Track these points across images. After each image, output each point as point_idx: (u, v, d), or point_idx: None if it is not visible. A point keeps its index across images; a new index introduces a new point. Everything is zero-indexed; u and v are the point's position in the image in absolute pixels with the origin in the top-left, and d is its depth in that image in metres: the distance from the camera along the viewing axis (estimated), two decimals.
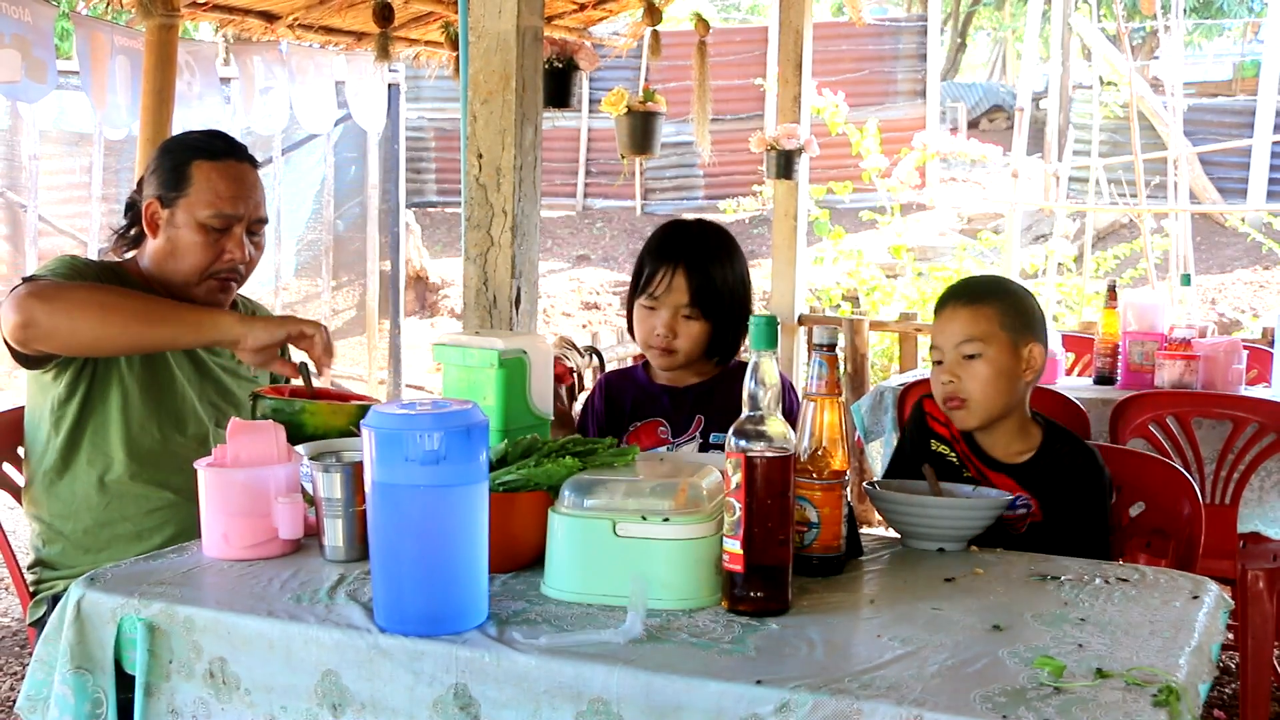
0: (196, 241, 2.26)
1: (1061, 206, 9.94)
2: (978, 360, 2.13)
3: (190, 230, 2.26)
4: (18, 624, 4.17)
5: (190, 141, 2.35)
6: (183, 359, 2.31)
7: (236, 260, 2.29)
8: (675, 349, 2.37)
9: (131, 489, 2.22)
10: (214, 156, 2.29)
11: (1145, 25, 14.88)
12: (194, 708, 1.54)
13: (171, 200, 2.26)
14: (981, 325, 2.13)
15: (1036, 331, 2.16)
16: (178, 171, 2.27)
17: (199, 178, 2.26)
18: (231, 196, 2.27)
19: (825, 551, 1.68)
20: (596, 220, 14.64)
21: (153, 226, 2.29)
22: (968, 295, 2.19)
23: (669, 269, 2.36)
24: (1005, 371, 2.12)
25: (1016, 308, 2.16)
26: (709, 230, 2.45)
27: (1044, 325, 2.20)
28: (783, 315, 5.39)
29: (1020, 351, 2.13)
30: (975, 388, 2.13)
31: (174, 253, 2.27)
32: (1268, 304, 10.20)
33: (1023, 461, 2.16)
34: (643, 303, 2.40)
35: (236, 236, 2.28)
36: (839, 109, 6.95)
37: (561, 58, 4.08)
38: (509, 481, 1.65)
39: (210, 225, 2.25)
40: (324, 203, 8.96)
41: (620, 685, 1.34)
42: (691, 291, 2.35)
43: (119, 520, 2.22)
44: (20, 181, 7.82)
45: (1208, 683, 1.40)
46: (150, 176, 2.31)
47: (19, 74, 3.96)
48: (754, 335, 1.56)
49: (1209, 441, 3.24)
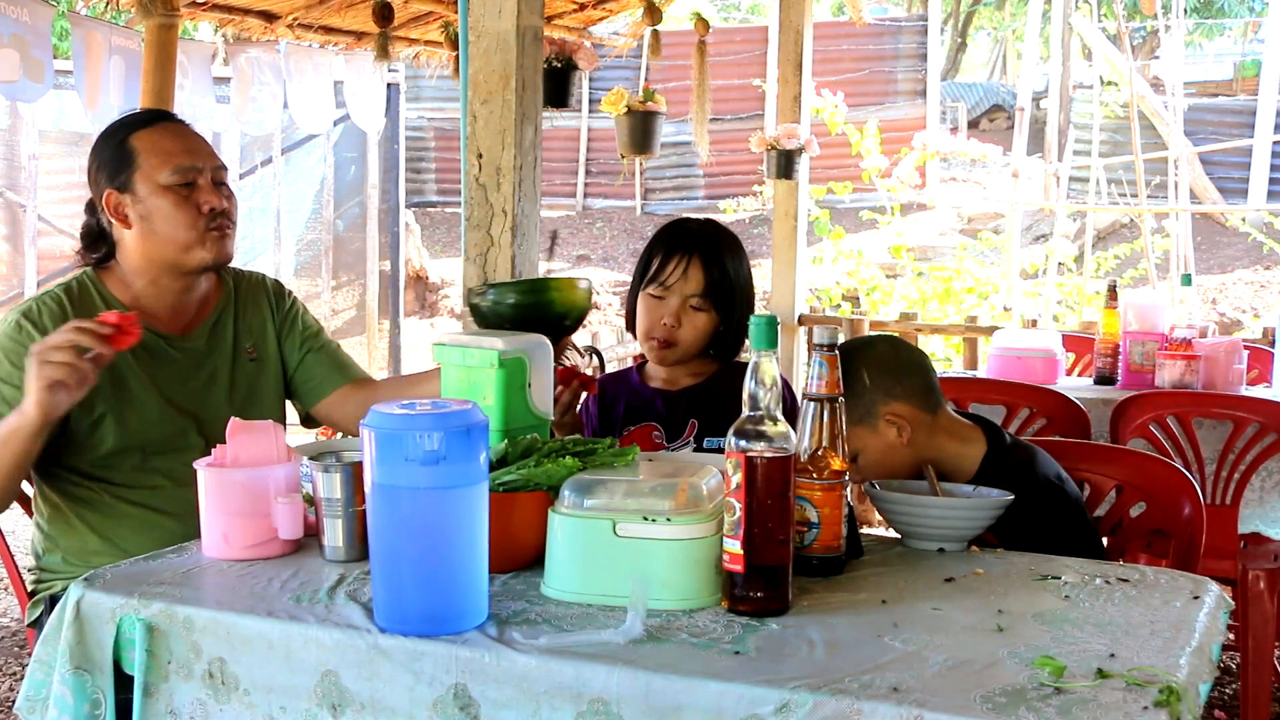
0: (169, 205, 2.17)
1: (1062, 206, 9.93)
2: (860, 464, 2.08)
3: (158, 198, 2.17)
4: (17, 624, 4.17)
5: (119, 124, 2.27)
6: (149, 400, 2.20)
7: (216, 206, 2.20)
8: (676, 341, 2.36)
9: (129, 511, 2.20)
10: (147, 124, 2.23)
11: (1146, 25, 14.87)
12: (192, 708, 1.54)
13: (126, 182, 2.18)
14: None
15: (884, 397, 2.07)
16: (120, 152, 2.19)
17: (142, 148, 2.19)
18: (182, 150, 2.20)
19: (825, 551, 1.67)
20: (596, 220, 14.65)
21: (121, 218, 2.19)
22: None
23: (683, 258, 2.36)
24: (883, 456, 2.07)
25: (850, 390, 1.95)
26: (718, 227, 2.46)
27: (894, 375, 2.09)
28: (783, 315, 5.39)
29: (880, 428, 2.06)
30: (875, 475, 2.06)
31: (154, 229, 2.19)
32: (1268, 304, 10.20)
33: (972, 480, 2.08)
34: (651, 291, 2.38)
35: (205, 187, 2.20)
36: (839, 109, 6.96)
37: (561, 57, 4.07)
38: (509, 481, 1.65)
39: (174, 184, 2.17)
40: (324, 202, 8.96)
41: (620, 685, 1.34)
42: (705, 282, 2.34)
43: (115, 539, 2.19)
44: (19, 181, 7.81)
45: (1208, 683, 1.40)
46: (97, 175, 2.22)
47: (17, 74, 3.96)
48: (754, 335, 1.56)
49: (1209, 442, 3.24)
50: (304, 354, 2.41)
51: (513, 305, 2.08)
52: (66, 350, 1.91)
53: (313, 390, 2.41)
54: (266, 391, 2.37)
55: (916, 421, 2.09)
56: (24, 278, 7.69)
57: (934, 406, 2.12)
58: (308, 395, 2.42)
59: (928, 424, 2.10)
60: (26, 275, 7.67)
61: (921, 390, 2.11)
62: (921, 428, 2.09)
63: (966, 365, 5.26)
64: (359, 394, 2.39)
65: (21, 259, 7.75)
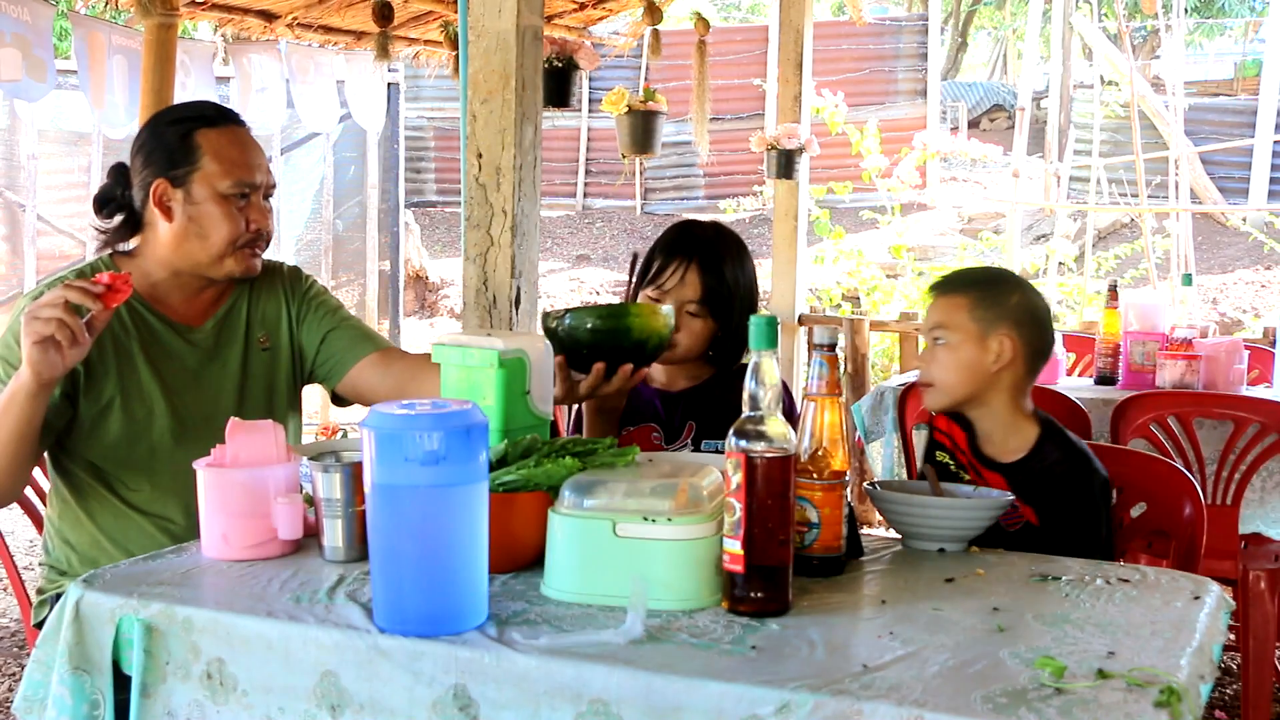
0: (220, 214, 2.16)
1: (1062, 206, 9.94)
2: (943, 347, 2.19)
3: (212, 204, 2.15)
4: (16, 624, 4.16)
5: (184, 113, 2.25)
6: (155, 392, 2.19)
7: (263, 228, 2.21)
8: (674, 344, 2.36)
9: (135, 516, 2.19)
10: (214, 124, 2.20)
11: (1146, 24, 14.87)
12: (189, 710, 1.53)
13: (183, 178, 2.15)
14: (951, 314, 2.18)
15: (1012, 324, 2.16)
16: (183, 144, 2.16)
17: (208, 148, 2.16)
18: (247, 164, 2.19)
19: (826, 552, 1.67)
20: (596, 220, 14.64)
21: (165, 208, 2.16)
22: (944, 285, 2.25)
23: (682, 263, 2.35)
24: (968, 361, 2.16)
25: (992, 299, 2.18)
26: (723, 231, 2.45)
27: (1030, 320, 2.18)
28: (783, 315, 5.38)
29: (988, 342, 2.15)
30: (938, 372, 2.19)
31: (198, 231, 2.16)
32: (1269, 304, 10.20)
33: (1015, 461, 2.16)
34: (649, 293, 2.38)
35: (257, 204, 2.20)
36: (839, 108, 6.95)
37: (561, 57, 4.07)
38: (509, 482, 1.65)
39: (231, 195, 2.16)
40: (323, 202, 8.96)
41: (620, 686, 1.34)
42: (702, 289, 2.34)
43: (125, 542, 2.18)
44: (19, 181, 7.82)
45: (1209, 683, 1.40)
46: (148, 157, 2.18)
47: (19, 73, 3.96)
48: (754, 335, 1.55)
49: (1210, 442, 3.24)
50: (326, 332, 2.35)
51: (590, 330, 2.05)
52: (56, 306, 1.88)
53: (339, 364, 2.34)
54: (279, 382, 2.33)
55: (1013, 368, 2.16)
56: (23, 278, 7.69)
57: (1031, 374, 2.20)
58: (334, 370, 2.35)
59: (1014, 381, 2.18)
60: (26, 275, 7.67)
61: (1037, 353, 2.19)
62: (1009, 376, 2.16)
63: None
64: (387, 362, 2.32)
65: (21, 259, 7.75)
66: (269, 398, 2.30)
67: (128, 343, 2.19)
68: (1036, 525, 2.10)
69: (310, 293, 2.40)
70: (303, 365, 2.38)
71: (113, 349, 2.16)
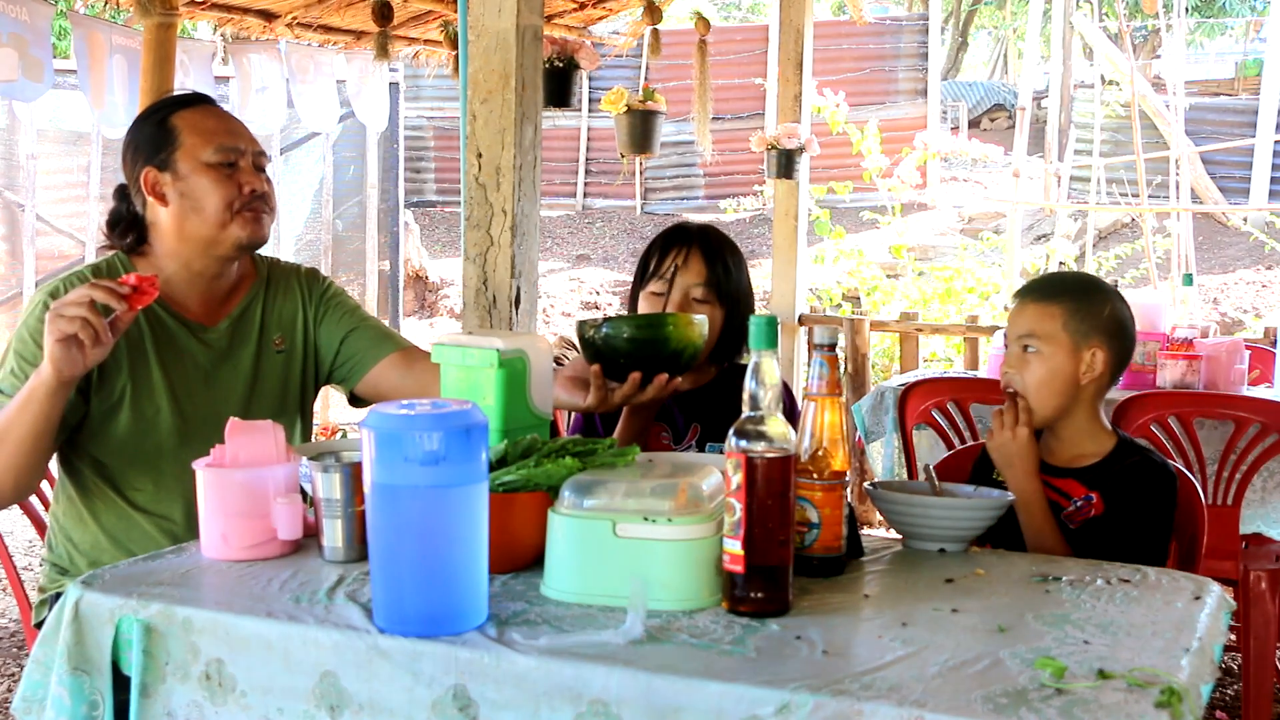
0: (209, 182, 2.16)
1: (1063, 206, 9.94)
2: (1034, 356, 2.14)
3: (199, 175, 2.16)
4: (16, 624, 4.16)
5: (157, 105, 2.27)
6: (164, 391, 2.19)
7: (257, 188, 2.20)
8: None
9: (138, 517, 2.19)
10: (187, 105, 2.23)
11: (1147, 24, 14.88)
12: (188, 710, 1.53)
13: (167, 160, 2.17)
14: (1044, 322, 2.14)
15: (1104, 336, 2.13)
16: (160, 130, 2.19)
17: (184, 126, 2.18)
18: (226, 130, 2.20)
19: (826, 552, 1.67)
20: (596, 220, 14.64)
21: (159, 196, 2.18)
22: (1039, 291, 2.20)
23: (682, 250, 2.35)
24: (1060, 372, 2.12)
25: (1086, 309, 2.14)
26: (717, 230, 2.46)
27: (1120, 331, 2.16)
28: (783, 315, 5.38)
29: (1081, 354, 2.12)
30: (1029, 381, 2.14)
31: (194, 206, 2.17)
32: (1270, 304, 10.19)
33: (1089, 465, 2.15)
34: (651, 289, 2.37)
35: (246, 169, 2.20)
36: (839, 108, 6.95)
37: (561, 57, 4.07)
38: (509, 482, 1.65)
39: (217, 163, 2.17)
40: (323, 202, 8.95)
41: (620, 686, 1.34)
42: (706, 273, 2.34)
43: (127, 542, 2.18)
44: (18, 181, 7.81)
45: (1210, 684, 1.40)
46: (134, 154, 2.21)
47: (16, 73, 3.96)
48: (754, 335, 1.55)
49: (1211, 442, 3.23)
50: (346, 332, 2.35)
51: (627, 339, 2.04)
52: (81, 305, 1.89)
53: (359, 365, 2.33)
54: (291, 384, 2.33)
55: (1098, 379, 2.14)
56: (23, 278, 7.68)
57: (1113, 384, 2.19)
58: (355, 371, 2.34)
59: (1098, 390, 2.17)
60: (25, 275, 7.66)
61: (1122, 363, 2.18)
62: (1093, 386, 2.15)
63: (967, 365, 5.26)
64: (409, 362, 2.32)
65: (20, 259, 7.74)
66: (279, 400, 2.30)
67: (142, 340, 2.18)
68: (1102, 518, 2.09)
69: (328, 293, 2.39)
70: (320, 367, 2.37)
71: (126, 346, 2.15)
